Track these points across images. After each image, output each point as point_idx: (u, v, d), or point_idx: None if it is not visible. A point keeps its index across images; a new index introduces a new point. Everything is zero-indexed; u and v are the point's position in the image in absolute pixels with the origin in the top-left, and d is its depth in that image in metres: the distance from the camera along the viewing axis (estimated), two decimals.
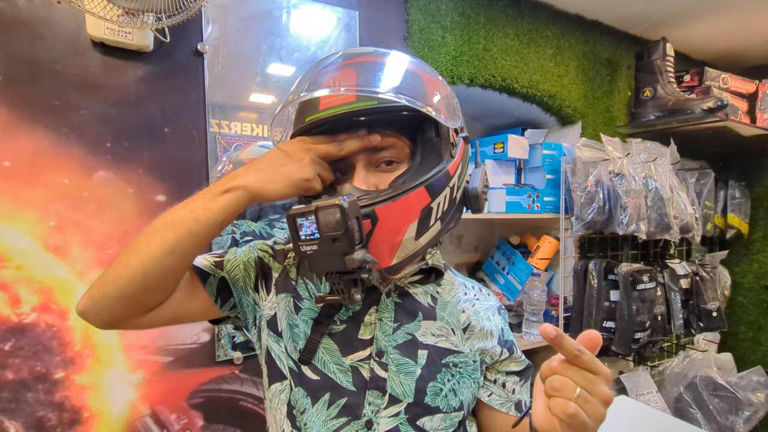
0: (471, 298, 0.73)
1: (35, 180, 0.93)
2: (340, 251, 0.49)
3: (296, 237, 0.50)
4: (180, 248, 0.55)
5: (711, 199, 2.02)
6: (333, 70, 0.58)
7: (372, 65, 0.58)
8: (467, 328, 0.68)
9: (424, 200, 0.56)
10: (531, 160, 1.72)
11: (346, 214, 0.47)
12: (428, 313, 0.67)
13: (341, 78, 0.56)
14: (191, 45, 1.07)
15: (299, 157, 0.56)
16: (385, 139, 0.59)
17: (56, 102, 0.94)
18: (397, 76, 0.57)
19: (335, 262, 0.49)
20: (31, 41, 0.91)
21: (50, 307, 0.96)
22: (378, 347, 0.62)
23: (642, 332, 1.59)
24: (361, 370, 0.62)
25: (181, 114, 1.07)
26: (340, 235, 0.48)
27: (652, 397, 1.76)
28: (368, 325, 0.64)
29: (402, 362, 0.62)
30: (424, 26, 1.39)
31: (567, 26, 1.69)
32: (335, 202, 0.47)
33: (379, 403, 0.60)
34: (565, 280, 1.70)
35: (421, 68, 0.61)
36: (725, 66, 1.97)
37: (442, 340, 0.65)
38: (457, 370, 0.65)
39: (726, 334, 2.21)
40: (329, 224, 0.48)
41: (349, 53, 0.62)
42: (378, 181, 0.59)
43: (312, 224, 0.48)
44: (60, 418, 0.98)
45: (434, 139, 0.60)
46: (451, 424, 0.63)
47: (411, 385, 0.61)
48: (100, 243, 1.00)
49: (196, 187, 1.08)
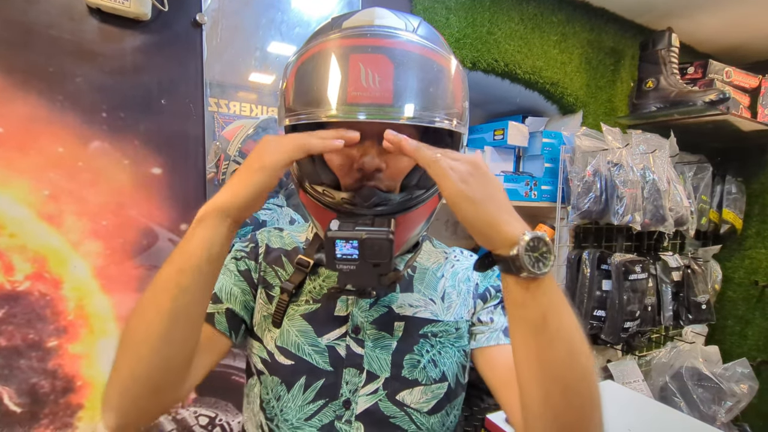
0: (451, 259, 0.72)
1: (29, 147, 0.92)
2: (378, 273, 0.51)
3: (332, 255, 0.50)
4: (182, 310, 0.49)
5: (707, 193, 2.03)
6: (363, 51, 0.51)
7: (408, 60, 0.52)
8: (444, 296, 0.67)
9: (435, 203, 0.60)
10: (530, 148, 1.71)
11: (393, 247, 0.49)
12: (406, 285, 0.66)
13: (376, 69, 0.50)
14: (190, 15, 1.05)
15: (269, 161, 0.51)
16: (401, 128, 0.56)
17: (51, 68, 0.92)
18: (433, 85, 0.53)
19: (370, 279, 0.51)
20: (25, 5, 0.89)
21: (44, 276, 0.96)
22: (354, 323, 0.62)
23: (631, 322, 1.61)
24: (338, 348, 0.61)
25: (179, 86, 1.05)
26: (384, 263, 0.49)
27: (638, 386, 1.79)
28: (344, 302, 0.63)
29: (378, 336, 0.62)
30: (429, 6, 1.36)
31: (573, 12, 1.66)
32: (384, 236, 0.49)
33: (357, 381, 0.60)
34: (559, 269, 1.71)
35: (449, 61, 0.56)
36: (730, 59, 1.95)
37: (420, 311, 0.64)
38: (438, 340, 0.63)
39: (714, 327, 2.24)
40: (374, 253, 0.49)
41: (378, 29, 0.53)
42: (387, 156, 0.56)
43: (351, 246, 0.49)
44: (53, 386, 0.99)
45: (447, 140, 0.61)
46: (434, 396, 0.61)
47: (387, 358, 0.60)
48: (94, 213, 0.99)
49: (192, 161, 1.08)
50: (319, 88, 0.52)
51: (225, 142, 1.14)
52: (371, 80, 0.49)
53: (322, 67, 0.52)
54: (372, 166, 0.55)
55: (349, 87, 0.50)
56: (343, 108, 0.50)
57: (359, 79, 0.50)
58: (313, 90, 0.52)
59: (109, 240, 1.01)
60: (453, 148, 0.59)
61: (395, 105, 0.50)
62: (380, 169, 0.56)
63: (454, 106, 0.55)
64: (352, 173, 0.57)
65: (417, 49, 0.53)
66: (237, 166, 1.14)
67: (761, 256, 2.12)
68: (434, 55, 0.54)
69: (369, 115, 0.50)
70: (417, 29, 0.56)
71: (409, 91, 0.51)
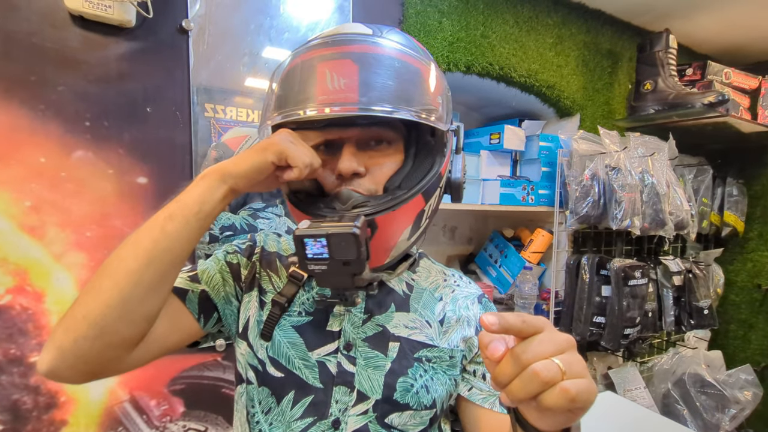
0: (451, 284, 0.70)
1: (10, 158, 0.90)
2: (350, 272, 0.49)
3: (303, 256, 0.49)
4: (158, 255, 0.48)
5: (708, 196, 2.00)
6: (330, 57, 0.53)
7: (373, 60, 0.53)
8: (443, 320, 0.64)
9: (420, 205, 0.57)
10: (527, 151, 1.69)
11: (359, 241, 0.47)
12: (401, 303, 0.64)
13: (341, 73, 0.52)
14: (176, 22, 1.03)
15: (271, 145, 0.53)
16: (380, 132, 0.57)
17: (32, 77, 0.91)
18: (401, 80, 0.54)
19: (344, 281, 0.51)
20: (5, 12, 0.87)
21: (25, 290, 0.94)
22: (346, 340, 0.60)
23: (632, 328, 1.58)
24: (328, 364, 0.59)
25: (165, 94, 1.03)
26: (353, 260, 0.48)
27: (640, 393, 1.76)
28: (337, 316, 0.61)
29: (371, 356, 0.59)
30: (421, 10, 1.34)
31: (568, 14, 1.64)
32: (348, 230, 0.47)
33: (347, 400, 0.58)
34: (557, 275, 1.68)
35: (420, 61, 0.57)
36: (729, 61, 1.93)
37: (415, 333, 0.62)
38: (431, 366, 0.61)
39: (716, 332, 2.20)
40: (341, 250, 0.48)
41: (345, 36, 0.56)
42: (368, 161, 0.57)
43: (320, 245, 0.48)
44: (36, 402, 0.96)
45: (429, 139, 0.60)
46: (421, 422, 0.59)
47: (379, 380, 0.58)
48: (77, 224, 0.97)
49: (178, 170, 1.06)
50: (293, 96, 0.54)
51: (228, 151, 1.12)
52: (337, 83, 0.51)
53: (294, 78, 0.55)
54: (349, 170, 0.55)
55: (317, 92, 0.52)
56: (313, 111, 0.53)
57: (325, 84, 0.52)
58: (289, 97, 0.55)
59: (93, 251, 0.99)
60: (438, 148, 0.59)
61: (360, 101, 0.51)
62: (358, 173, 0.56)
63: (424, 100, 0.55)
64: (333, 179, 0.58)
65: (380, 50, 0.55)
66: None
67: (764, 258, 2.08)
68: (400, 54, 0.55)
69: (334, 111, 0.51)
70: (384, 34, 0.57)
71: (374, 87, 0.52)
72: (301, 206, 0.58)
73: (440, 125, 0.56)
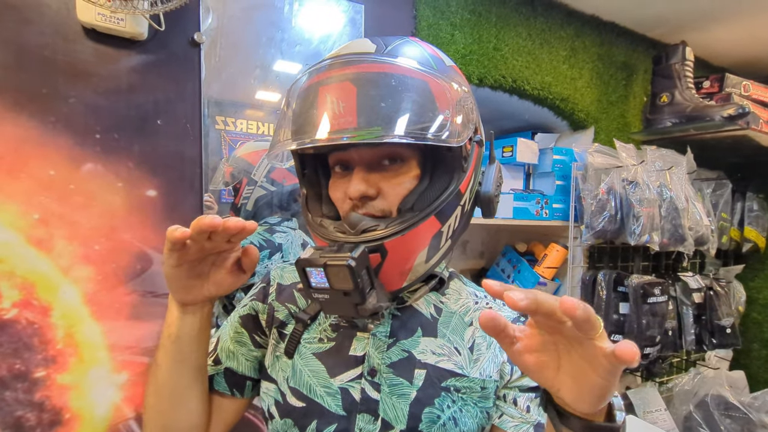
0: (482, 306, 0.66)
1: (19, 170, 0.89)
2: (351, 302, 0.48)
3: (307, 284, 0.50)
4: (162, 384, 0.57)
5: (727, 210, 1.94)
6: (331, 81, 0.52)
7: (372, 81, 0.51)
8: (473, 347, 0.60)
9: (435, 227, 0.54)
10: (540, 165, 1.66)
11: (354, 273, 0.46)
12: (429, 327, 0.60)
13: (340, 97, 0.50)
14: (188, 35, 1.03)
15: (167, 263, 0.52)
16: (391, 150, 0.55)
17: (44, 90, 0.90)
18: (401, 98, 0.50)
19: (347, 310, 0.49)
20: (18, 25, 0.88)
21: (32, 303, 0.92)
22: (370, 365, 0.57)
23: (652, 347, 1.52)
24: (352, 391, 0.56)
25: (175, 106, 1.02)
26: (350, 291, 0.47)
27: (660, 415, 1.69)
28: (361, 340, 0.58)
29: (396, 383, 0.56)
30: (433, 23, 1.34)
31: (582, 27, 1.62)
32: (343, 262, 0.46)
33: (371, 429, 0.55)
34: (573, 291, 1.63)
35: (428, 73, 0.53)
36: (746, 73, 1.89)
37: (443, 360, 0.58)
38: (460, 396, 0.57)
39: (738, 351, 2.12)
40: (339, 281, 0.47)
41: (347, 57, 0.54)
42: (380, 182, 0.54)
43: (321, 274, 0.48)
44: (39, 419, 0.94)
45: (445, 154, 0.55)
46: None
47: (404, 409, 0.55)
48: (86, 237, 0.96)
49: (188, 183, 1.05)
50: (299, 123, 0.54)
51: (247, 166, 1.11)
52: (337, 108, 0.50)
53: (300, 104, 0.54)
54: (356, 194, 0.53)
55: (318, 119, 0.51)
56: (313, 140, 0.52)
57: (326, 109, 0.51)
58: (295, 124, 0.54)
59: (101, 265, 0.97)
60: (455, 163, 0.55)
61: (359, 126, 0.49)
62: (368, 196, 0.54)
63: (429, 116, 0.51)
64: (346, 202, 0.56)
65: (380, 68, 0.52)
66: (263, 191, 1.12)
67: None
68: (402, 70, 0.52)
69: (333, 139, 0.51)
70: (389, 49, 0.54)
71: (371, 109, 0.50)
72: (318, 230, 0.56)
73: (453, 143, 0.51)
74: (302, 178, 0.62)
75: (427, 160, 0.56)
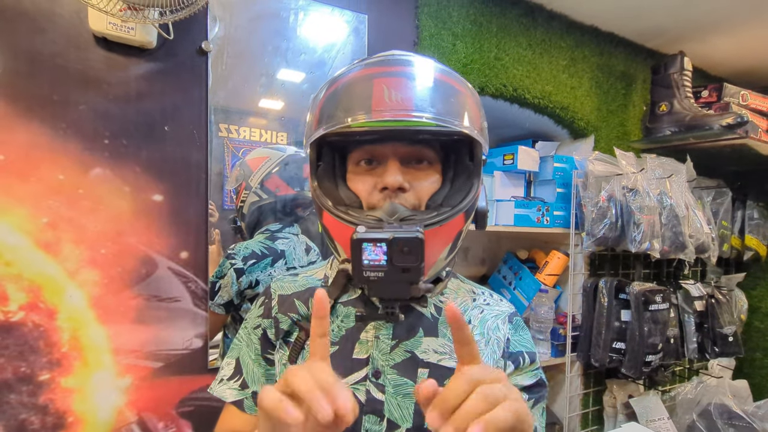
0: (480, 303, 0.67)
1: (29, 175, 0.91)
2: (407, 281, 0.48)
3: (359, 261, 0.47)
4: None
5: (728, 218, 1.95)
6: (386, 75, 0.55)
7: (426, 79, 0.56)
8: None
9: (460, 225, 0.58)
10: (541, 172, 1.67)
11: (423, 246, 0.46)
12: (430, 328, 0.62)
13: (397, 89, 0.54)
14: (195, 43, 1.05)
15: None
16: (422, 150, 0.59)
17: (55, 96, 0.92)
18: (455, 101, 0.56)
19: (401, 289, 0.49)
20: (31, 34, 0.90)
21: (38, 306, 0.93)
22: (374, 367, 0.58)
23: (654, 355, 1.52)
24: (357, 393, 0.57)
25: (182, 113, 1.04)
26: (414, 267, 0.46)
27: (663, 424, 1.68)
28: (364, 343, 0.60)
29: (400, 383, 0.57)
30: (435, 32, 1.36)
31: (581, 37, 1.65)
32: (413, 235, 0.46)
33: (377, 429, 0.56)
34: (574, 298, 1.64)
35: (467, 89, 0.60)
36: (744, 83, 1.91)
37: (445, 359, 0.60)
38: None
39: (741, 360, 2.12)
40: (402, 256, 0.46)
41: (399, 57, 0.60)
42: (410, 178, 0.58)
43: (379, 251, 0.47)
44: (43, 422, 0.95)
45: (468, 163, 0.61)
46: None
47: (410, 408, 0.56)
48: (93, 241, 0.97)
49: (194, 188, 1.06)
50: (347, 107, 0.55)
51: (248, 170, 1.14)
52: (392, 97, 0.53)
53: (350, 91, 0.56)
54: (395, 183, 0.56)
55: (374, 104, 0.53)
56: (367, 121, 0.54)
57: (382, 98, 0.53)
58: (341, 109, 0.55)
59: (107, 268, 0.98)
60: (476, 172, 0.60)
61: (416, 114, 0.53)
62: (403, 188, 0.57)
63: (471, 119, 0.57)
64: (375, 194, 0.58)
65: (433, 71, 0.58)
66: (256, 198, 1.14)
67: None
68: (449, 78, 0.59)
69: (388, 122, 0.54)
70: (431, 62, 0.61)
71: (428, 102, 0.54)
72: (344, 219, 0.57)
73: (483, 142, 0.58)
74: (315, 171, 0.63)
75: (448, 168, 0.61)
